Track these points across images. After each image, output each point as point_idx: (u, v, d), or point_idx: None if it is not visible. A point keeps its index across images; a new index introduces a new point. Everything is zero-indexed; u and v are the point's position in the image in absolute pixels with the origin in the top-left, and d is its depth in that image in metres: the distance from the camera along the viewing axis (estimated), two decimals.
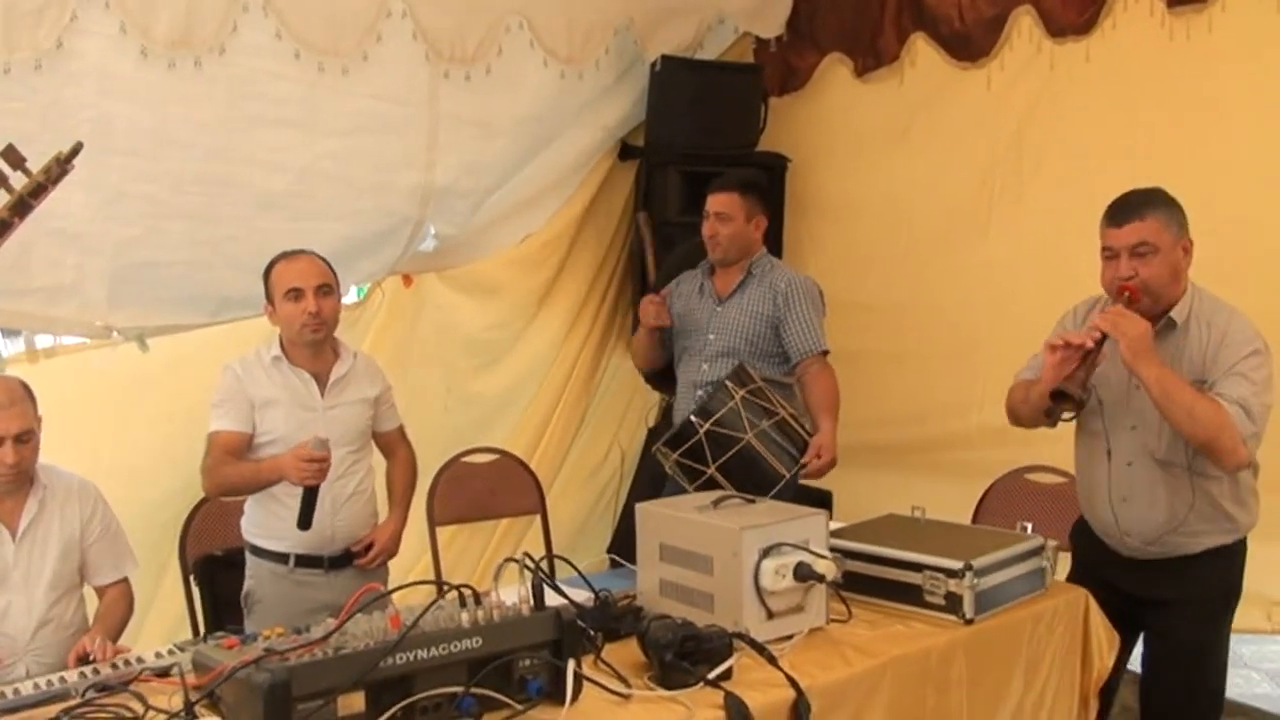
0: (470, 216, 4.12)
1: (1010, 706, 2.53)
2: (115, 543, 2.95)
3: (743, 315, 3.66)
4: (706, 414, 3.18)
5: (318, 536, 3.04)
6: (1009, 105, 4.11)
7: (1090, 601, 2.72)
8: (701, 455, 3.14)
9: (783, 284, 3.67)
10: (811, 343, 3.63)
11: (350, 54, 3.56)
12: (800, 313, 3.64)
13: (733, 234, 3.66)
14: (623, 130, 4.56)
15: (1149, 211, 2.61)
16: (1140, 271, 2.59)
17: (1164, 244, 2.60)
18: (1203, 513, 2.68)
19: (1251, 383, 2.53)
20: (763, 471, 3.20)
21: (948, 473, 4.14)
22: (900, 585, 2.57)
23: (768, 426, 3.21)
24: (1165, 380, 2.51)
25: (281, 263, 3.01)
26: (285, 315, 2.99)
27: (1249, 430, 2.51)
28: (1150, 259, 2.59)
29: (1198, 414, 2.50)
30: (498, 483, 4.12)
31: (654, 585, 2.52)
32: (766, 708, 2.06)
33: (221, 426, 3.00)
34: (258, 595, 3.13)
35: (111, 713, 2.09)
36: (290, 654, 1.86)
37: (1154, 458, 2.68)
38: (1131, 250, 2.60)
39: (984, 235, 4.21)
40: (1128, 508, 2.73)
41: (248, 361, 3.07)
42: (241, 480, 3.03)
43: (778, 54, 4.76)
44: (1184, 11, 3.56)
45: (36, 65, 3.04)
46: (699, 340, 3.71)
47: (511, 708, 1.95)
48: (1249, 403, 2.51)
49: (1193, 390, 2.54)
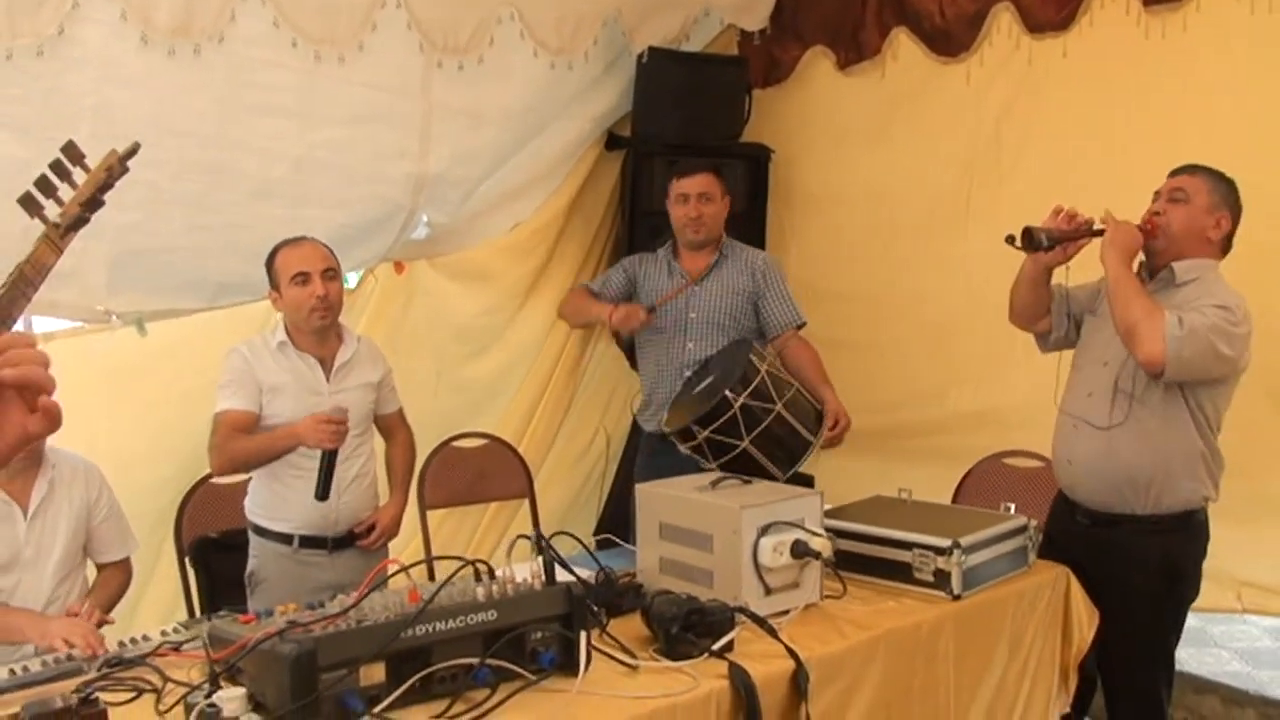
0: (462, 205, 4.17)
1: (995, 678, 2.64)
2: (120, 521, 3.03)
3: (724, 292, 3.74)
4: (739, 389, 3.12)
5: (322, 518, 3.10)
6: (988, 99, 4.19)
7: (1071, 579, 2.84)
8: (735, 430, 3.11)
9: (759, 261, 3.80)
10: (791, 315, 3.75)
11: (346, 43, 3.59)
12: (778, 287, 3.77)
13: (715, 214, 3.75)
14: (610, 121, 4.60)
15: (1200, 173, 2.89)
16: (1168, 212, 2.86)
17: (1198, 200, 2.85)
18: (1154, 459, 2.82)
19: (1204, 315, 2.68)
20: (791, 441, 3.22)
21: (927, 458, 4.22)
22: (891, 563, 2.68)
23: (790, 397, 3.23)
24: (1124, 274, 2.78)
25: (286, 249, 3.05)
26: (292, 300, 3.03)
27: (1174, 333, 2.65)
28: (1180, 205, 2.85)
29: (1134, 303, 2.72)
30: (487, 467, 4.20)
31: (654, 563, 2.61)
32: (768, 678, 2.15)
33: (230, 405, 3.02)
34: (262, 575, 3.18)
35: (131, 686, 2.16)
36: (313, 626, 1.93)
37: (1114, 384, 2.87)
38: (1169, 194, 2.88)
39: (963, 226, 4.28)
40: (1074, 435, 2.95)
41: (254, 345, 3.10)
42: (254, 451, 3.03)
43: (762, 47, 4.81)
44: (1160, 10, 3.64)
45: (38, 52, 3.05)
46: (678, 319, 3.75)
47: (525, 678, 2.02)
48: (1190, 319, 2.67)
49: (1142, 290, 2.76)
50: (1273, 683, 4.28)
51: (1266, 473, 3.48)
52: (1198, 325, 2.67)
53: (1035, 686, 2.75)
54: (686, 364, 3.69)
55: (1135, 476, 2.84)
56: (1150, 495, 2.84)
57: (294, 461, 3.05)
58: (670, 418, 3.39)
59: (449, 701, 1.95)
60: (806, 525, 2.47)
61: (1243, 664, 4.50)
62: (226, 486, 3.62)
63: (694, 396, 3.40)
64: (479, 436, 4.21)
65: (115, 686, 2.14)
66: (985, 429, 4.07)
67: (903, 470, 3.66)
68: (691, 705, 2.05)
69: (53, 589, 2.81)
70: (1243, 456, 3.38)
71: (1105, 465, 2.88)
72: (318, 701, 1.82)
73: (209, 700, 1.89)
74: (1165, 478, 2.83)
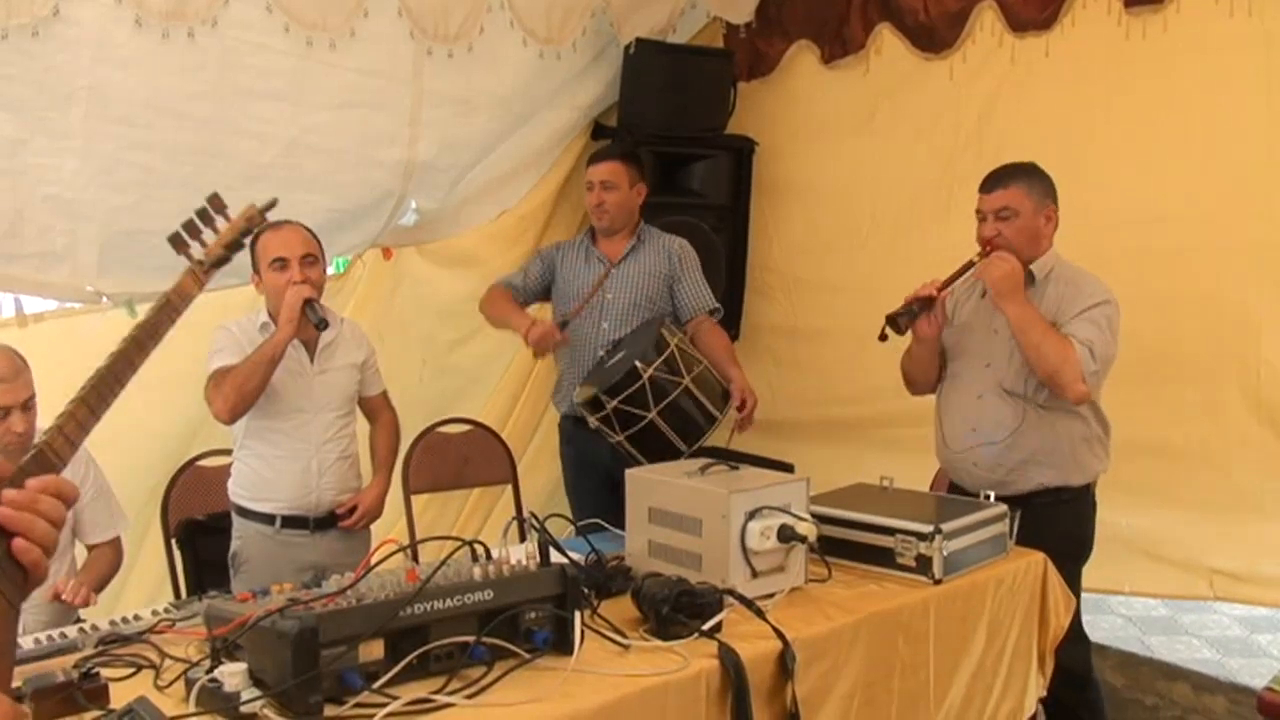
0: (450, 191, 4.20)
1: (974, 660, 2.71)
2: (107, 501, 3.03)
3: (640, 274, 3.79)
4: (649, 361, 3.22)
5: (304, 499, 3.13)
6: (971, 96, 4.24)
7: (1048, 565, 2.91)
8: (644, 401, 3.20)
9: (676, 245, 3.85)
10: (705, 300, 3.82)
11: (338, 29, 3.60)
12: (693, 272, 3.83)
13: (618, 201, 3.79)
14: (597, 110, 4.64)
15: (1012, 182, 3.06)
16: (1003, 231, 3.03)
17: (1025, 210, 3.03)
18: (1039, 444, 3.01)
19: (1099, 328, 2.90)
20: (695, 416, 3.32)
21: (905, 447, 4.26)
22: (873, 548, 2.74)
23: (698, 374, 3.32)
24: (1025, 316, 2.94)
25: (267, 232, 3.02)
26: (271, 284, 3.04)
27: (1090, 368, 2.86)
28: (1012, 221, 3.03)
29: (1045, 348, 2.89)
30: (471, 453, 4.24)
31: (643, 546, 2.65)
32: (756, 658, 2.21)
33: (224, 363, 3.01)
34: (245, 555, 3.20)
35: (128, 662, 2.19)
36: (314, 603, 1.97)
37: (1001, 387, 3.04)
38: (996, 213, 3.05)
39: (945, 219, 4.32)
40: (975, 437, 3.08)
41: (242, 324, 3.13)
42: (250, 367, 2.97)
43: (747, 40, 4.85)
44: (1141, 12, 3.71)
45: (34, 32, 3.05)
46: (594, 302, 3.78)
47: (520, 656, 2.07)
48: (1094, 344, 2.87)
49: (1046, 325, 2.92)
50: (1242, 670, 4.37)
51: (1236, 464, 3.57)
52: (1096, 342, 2.89)
53: (1013, 669, 2.82)
54: (601, 344, 3.74)
55: (1041, 460, 3.04)
56: (1058, 472, 3.03)
57: (276, 441, 3.08)
58: (580, 391, 3.47)
59: (446, 678, 1.99)
60: (793, 510, 2.52)
61: (1213, 652, 4.59)
62: (211, 469, 3.64)
63: (604, 371, 3.49)
64: (463, 422, 4.25)
65: (113, 663, 2.17)
66: None
67: (880, 459, 3.72)
68: (682, 683, 2.10)
69: None
70: (1213, 449, 3.48)
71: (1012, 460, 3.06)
72: (318, 677, 1.86)
73: (210, 675, 1.93)
74: (1069, 456, 3.04)
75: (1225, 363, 3.58)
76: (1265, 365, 3.53)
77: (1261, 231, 3.50)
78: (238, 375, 2.98)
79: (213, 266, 1.95)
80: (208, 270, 1.92)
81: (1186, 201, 3.63)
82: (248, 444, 3.15)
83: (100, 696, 1.95)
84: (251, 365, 2.98)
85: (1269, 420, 3.56)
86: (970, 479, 3.15)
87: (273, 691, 1.87)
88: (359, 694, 1.91)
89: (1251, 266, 3.50)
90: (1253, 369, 3.53)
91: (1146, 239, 3.21)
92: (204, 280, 1.89)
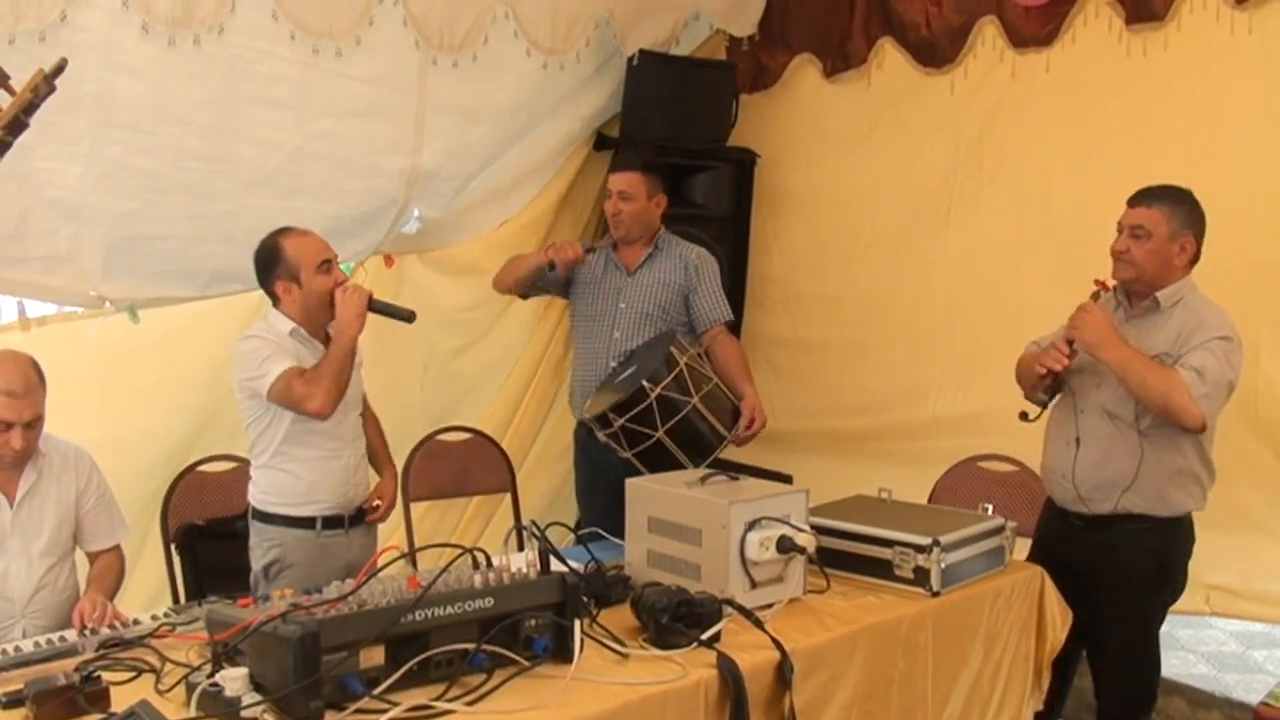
0: (453, 200, 4.21)
1: (971, 673, 2.72)
2: (110, 509, 3.00)
3: (655, 284, 3.78)
4: (657, 380, 3.20)
5: (343, 497, 3.13)
6: (971, 110, 4.27)
7: (1045, 579, 2.92)
8: (651, 420, 3.19)
9: (693, 256, 3.83)
10: (720, 311, 3.80)
11: (344, 38, 3.62)
12: (710, 282, 3.81)
13: (635, 212, 3.77)
14: (599, 121, 4.66)
15: (1156, 202, 2.95)
16: (1132, 249, 2.95)
17: (1159, 233, 2.93)
18: (1132, 470, 2.93)
19: (1213, 355, 2.82)
20: (704, 435, 3.31)
21: (903, 460, 4.30)
22: (872, 560, 2.75)
23: (707, 392, 3.31)
24: (1123, 358, 2.86)
25: (295, 238, 3.01)
26: (317, 287, 3.00)
27: (1200, 390, 2.78)
28: (1144, 241, 2.94)
29: (1150, 381, 2.82)
30: (471, 461, 4.24)
31: (642, 556, 2.66)
32: (754, 668, 2.22)
33: (283, 366, 2.94)
34: (288, 562, 3.12)
35: (129, 666, 2.19)
36: (315, 609, 1.98)
37: (1104, 409, 2.98)
38: (1131, 230, 2.96)
39: (944, 233, 4.37)
40: (1081, 452, 3.02)
41: (269, 332, 3.04)
42: (341, 363, 2.96)
43: (749, 52, 4.88)
44: (1141, 29, 3.74)
45: (41, 37, 3.07)
46: (607, 309, 3.78)
47: (519, 664, 2.08)
48: (1205, 368, 2.80)
49: (1147, 361, 2.85)
50: (1238, 686, 4.37)
51: (1235, 480, 3.57)
52: (1213, 373, 2.81)
53: (1010, 682, 2.83)
54: (613, 354, 3.73)
55: (1128, 485, 2.96)
56: (1147, 500, 2.96)
57: (316, 443, 3.05)
58: (591, 404, 3.47)
59: (446, 685, 2.00)
60: (792, 521, 2.53)
61: (1209, 667, 4.60)
62: (212, 474, 3.65)
63: (614, 385, 3.47)
64: (463, 430, 4.26)
65: (114, 666, 2.18)
66: (963, 433, 4.16)
67: (879, 471, 3.73)
68: (681, 693, 2.11)
69: (41, 575, 2.80)
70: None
71: (1100, 478, 3.00)
72: (319, 682, 1.87)
73: (211, 680, 1.94)
74: (1156, 486, 2.95)
75: None
76: (1263, 382, 3.55)
77: (1261, 249, 3.53)
78: (332, 370, 2.96)
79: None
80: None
81: None
82: (285, 450, 3.07)
83: (101, 700, 1.96)
84: (341, 360, 2.97)
85: (1266, 437, 3.58)
86: (1061, 492, 3.12)
87: (274, 696, 1.88)
88: (359, 700, 1.92)
89: (1250, 284, 3.52)
90: (1251, 386, 3.54)
91: None
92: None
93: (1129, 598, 3.02)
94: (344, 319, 2.99)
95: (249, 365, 2.97)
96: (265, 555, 3.13)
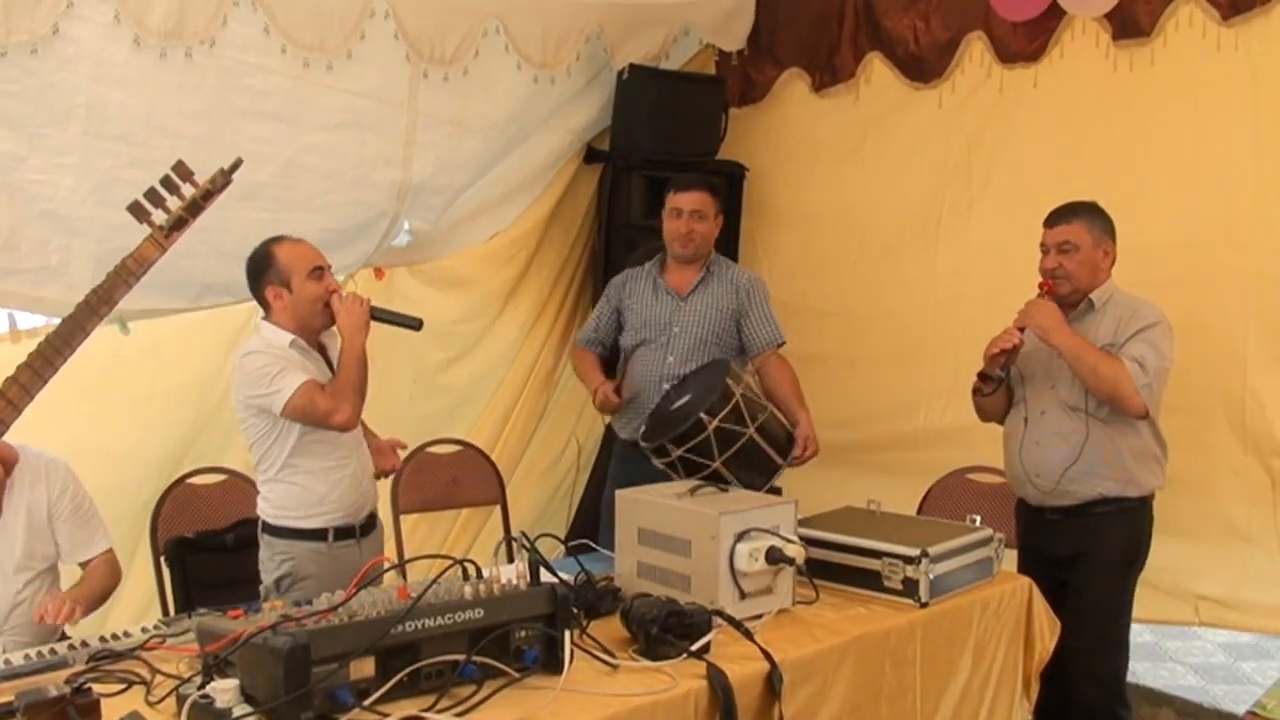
0: (443, 213, 4.22)
1: (960, 683, 2.73)
2: (88, 520, 2.94)
3: (709, 309, 3.78)
4: (714, 413, 3.23)
5: (353, 504, 3.09)
6: (959, 125, 4.30)
7: (1034, 590, 2.94)
8: (709, 451, 3.23)
9: (744, 279, 3.84)
10: (773, 334, 3.80)
11: (335, 51, 3.63)
12: (761, 306, 3.81)
13: (706, 232, 3.80)
14: (589, 134, 4.68)
15: (1075, 218, 3.22)
16: (1064, 263, 3.19)
17: (1085, 244, 3.19)
18: (1100, 455, 3.14)
19: (1149, 345, 3.07)
20: (760, 462, 3.33)
21: (892, 471, 4.31)
22: (861, 571, 2.76)
23: (763, 421, 3.32)
24: (1075, 346, 3.11)
25: (287, 245, 2.98)
26: (310, 294, 2.96)
27: (1142, 380, 3.05)
28: (1072, 254, 3.19)
29: (1101, 370, 3.07)
30: (460, 473, 4.24)
31: (632, 567, 2.67)
32: (743, 678, 2.23)
33: (298, 380, 2.88)
34: (299, 575, 3.06)
35: (119, 678, 2.19)
36: (305, 620, 1.98)
37: (1065, 405, 3.20)
38: (1058, 247, 3.20)
39: (933, 246, 4.39)
40: (1037, 451, 3.22)
41: (270, 345, 2.98)
42: (359, 373, 2.95)
43: (739, 67, 4.90)
44: (1128, 45, 3.77)
45: (32, 50, 3.07)
46: (660, 335, 3.79)
47: (509, 675, 2.08)
48: (1145, 359, 3.06)
49: (1097, 351, 3.09)
50: (1225, 696, 4.40)
51: (1222, 491, 3.61)
52: (1152, 364, 3.07)
53: (999, 692, 2.84)
54: (666, 377, 3.73)
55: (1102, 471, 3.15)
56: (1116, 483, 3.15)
57: (325, 452, 3.01)
58: (647, 431, 3.47)
59: (436, 696, 2.00)
60: (781, 532, 2.54)
61: (1197, 678, 4.62)
62: (202, 486, 3.65)
63: (670, 414, 3.48)
64: (453, 443, 4.25)
65: (104, 678, 2.18)
66: (951, 445, 4.17)
67: (869, 482, 3.75)
68: (671, 704, 2.11)
69: (17, 591, 2.76)
70: (1199, 475, 3.52)
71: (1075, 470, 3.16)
72: (309, 694, 1.87)
73: (202, 692, 1.94)
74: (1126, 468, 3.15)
75: (1211, 392, 3.62)
76: (1251, 395, 3.57)
77: (1247, 263, 3.56)
78: (353, 381, 2.94)
79: (173, 229, 1.92)
80: (168, 234, 1.89)
81: (1173, 232, 3.67)
82: (293, 463, 3.01)
83: (92, 712, 1.95)
84: (358, 370, 2.95)
85: (1254, 448, 3.60)
86: (1034, 492, 3.26)
87: (264, 708, 1.88)
88: (349, 711, 1.92)
89: (1237, 297, 3.55)
90: (1238, 398, 3.58)
91: (1133, 269, 3.25)
92: (165, 245, 1.86)
93: (1109, 576, 3.20)
94: (349, 328, 2.96)
95: (258, 382, 2.89)
96: (278, 569, 3.06)
